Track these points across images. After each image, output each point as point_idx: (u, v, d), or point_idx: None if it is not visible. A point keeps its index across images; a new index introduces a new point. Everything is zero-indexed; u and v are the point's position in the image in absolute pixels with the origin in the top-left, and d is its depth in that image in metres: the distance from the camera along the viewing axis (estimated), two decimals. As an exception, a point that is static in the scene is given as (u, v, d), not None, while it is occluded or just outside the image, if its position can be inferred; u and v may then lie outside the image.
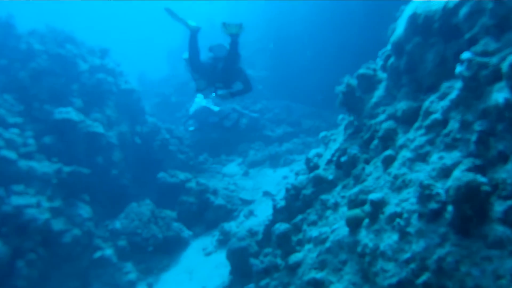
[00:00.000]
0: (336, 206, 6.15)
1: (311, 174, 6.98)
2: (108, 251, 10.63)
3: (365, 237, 4.78)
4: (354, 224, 5.06)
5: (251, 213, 12.29)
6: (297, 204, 7.15)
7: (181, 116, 20.51)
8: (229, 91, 8.63)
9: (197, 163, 16.05)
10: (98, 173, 12.05)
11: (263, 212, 11.99)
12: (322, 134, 8.90)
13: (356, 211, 5.15)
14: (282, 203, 7.79)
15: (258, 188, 13.79)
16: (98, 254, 10.49)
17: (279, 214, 7.75)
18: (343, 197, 6.14)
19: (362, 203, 5.21)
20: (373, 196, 4.83)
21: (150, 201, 12.07)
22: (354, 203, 5.41)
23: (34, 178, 10.18)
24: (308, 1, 19.91)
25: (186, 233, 11.80)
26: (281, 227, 6.44)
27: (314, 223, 6.45)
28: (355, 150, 6.30)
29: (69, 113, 11.47)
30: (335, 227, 5.70)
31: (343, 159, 6.45)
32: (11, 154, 9.98)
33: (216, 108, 14.42)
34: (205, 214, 12.52)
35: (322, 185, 6.75)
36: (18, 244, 9.25)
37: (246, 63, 10.83)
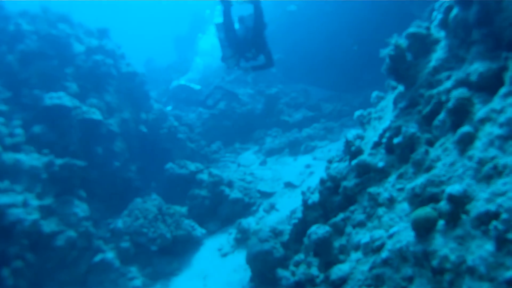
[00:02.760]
0: (391, 202, 4.73)
1: (354, 161, 5.54)
2: (110, 254, 9.32)
3: (442, 245, 3.56)
4: (423, 228, 3.78)
5: (272, 207, 10.93)
6: (335, 199, 5.77)
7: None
8: (251, 64, 9.05)
9: (209, 152, 14.67)
10: (97, 165, 10.73)
11: (286, 205, 10.68)
12: (358, 113, 7.62)
13: (426, 210, 3.83)
14: (314, 198, 6.37)
15: (278, 179, 12.39)
16: (98, 257, 9.20)
17: (311, 211, 6.35)
18: (400, 190, 4.75)
19: (433, 198, 4.01)
20: (452, 190, 3.61)
21: (156, 196, 10.71)
22: (420, 198, 4.14)
23: (21, 173, 8.83)
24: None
25: (199, 231, 10.42)
26: (320, 230, 5.02)
27: (361, 224, 5.05)
28: (413, 128, 4.88)
29: (61, 98, 10.09)
30: (394, 230, 4.31)
31: (396, 140, 5.04)
32: (-6, 147, 8.64)
33: (197, 87, 14.63)
34: (220, 209, 11.15)
35: (369, 174, 5.38)
36: (2, 250, 7.94)
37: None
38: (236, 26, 8.73)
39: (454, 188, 3.60)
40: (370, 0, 16.49)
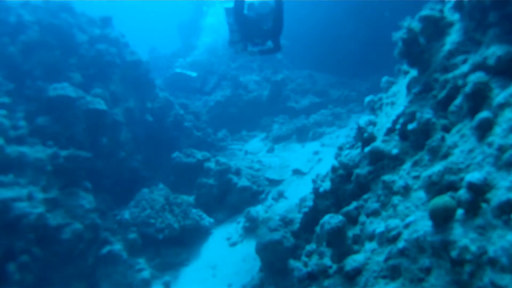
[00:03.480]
0: (406, 190, 4.55)
1: (367, 148, 5.35)
2: (117, 246, 9.21)
3: (462, 235, 3.40)
4: (442, 217, 3.59)
5: (280, 195, 10.77)
6: (348, 187, 5.60)
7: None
8: (259, 48, 8.82)
9: (215, 140, 14.49)
10: (103, 155, 10.59)
11: (295, 193, 10.53)
12: (368, 98, 7.41)
13: (445, 199, 3.62)
14: (326, 186, 6.20)
15: (286, 166, 12.22)
16: (105, 249, 9.07)
17: (322, 199, 6.18)
18: (415, 177, 4.57)
19: (451, 186, 3.82)
20: (471, 177, 3.46)
21: (163, 186, 10.58)
22: (437, 186, 3.93)
23: (25, 166, 8.70)
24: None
25: (207, 220, 10.31)
26: (333, 220, 4.81)
27: (376, 213, 4.88)
28: (428, 114, 4.68)
29: (65, 88, 9.92)
30: (410, 219, 4.14)
31: (411, 126, 4.85)
32: (-2, 140, 8.50)
33: (193, 74, 15.32)
34: (228, 198, 11.03)
35: (383, 161, 5.20)
36: (8, 245, 7.80)
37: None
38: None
39: (474, 176, 3.43)
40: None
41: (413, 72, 5.63)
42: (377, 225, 4.64)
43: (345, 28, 18.47)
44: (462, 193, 3.49)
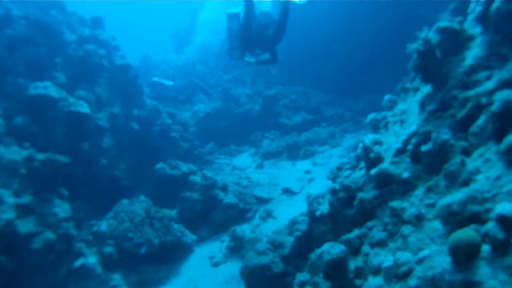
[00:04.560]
0: (419, 219, 4.05)
1: (374, 170, 4.85)
2: (91, 259, 8.60)
3: (489, 276, 2.94)
4: (464, 253, 3.13)
5: (269, 215, 10.24)
6: (349, 213, 5.10)
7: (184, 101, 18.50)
8: (256, 59, 8.86)
9: (203, 153, 13.93)
10: (83, 162, 9.99)
11: (284, 213, 10.02)
12: (371, 116, 6.98)
13: (469, 233, 3.17)
14: (323, 209, 5.67)
15: (275, 184, 11.69)
16: (78, 262, 8.48)
17: (319, 224, 5.67)
18: (429, 205, 4.09)
19: (475, 218, 3.37)
20: (503, 209, 3.02)
21: (145, 198, 9.99)
22: (458, 217, 3.53)
23: (-1, 167, 8.10)
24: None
25: (189, 237, 9.72)
26: (334, 249, 4.31)
27: (382, 244, 4.36)
28: (446, 134, 4.20)
29: (47, 88, 9.34)
30: (425, 254, 3.63)
31: (425, 148, 4.38)
32: (-31, 137, 7.90)
33: (170, 83, 15.43)
34: (213, 214, 10.44)
35: (391, 186, 4.71)
36: (-29, 252, 7.21)
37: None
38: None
39: (505, 208, 2.96)
40: (374, 1, 15.83)
41: (426, 89, 5.17)
42: (384, 258, 4.13)
43: (342, 47, 18.17)
44: (491, 227, 3.03)
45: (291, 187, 11.23)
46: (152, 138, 12.63)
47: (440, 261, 3.36)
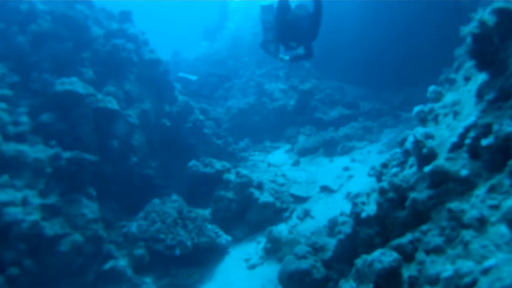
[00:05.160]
0: (482, 223, 3.43)
1: (428, 167, 4.23)
2: (121, 262, 8.19)
3: None
4: None
5: (306, 214, 9.68)
6: (400, 215, 4.50)
7: (218, 98, 18.06)
8: (291, 56, 8.61)
9: (237, 150, 13.42)
10: (113, 160, 9.63)
11: (322, 212, 9.47)
12: (417, 108, 6.34)
13: None
14: (369, 210, 5.07)
15: (313, 182, 11.11)
16: (108, 265, 8.09)
17: (364, 227, 5.08)
18: (493, 207, 3.46)
19: None
20: None
21: (177, 197, 9.55)
22: None
23: (23, 167, 7.74)
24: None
25: (224, 238, 9.21)
26: (386, 258, 3.75)
27: (439, 251, 3.75)
28: (509, 126, 3.56)
29: (73, 84, 8.96)
30: (490, 263, 3.07)
31: (485, 142, 3.75)
32: (-8, 135, 7.56)
33: (193, 78, 15.34)
34: (248, 214, 9.92)
35: (447, 184, 4.07)
36: (-5, 255, 6.86)
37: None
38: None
39: None
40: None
41: (481, 77, 4.53)
42: (442, 267, 3.54)
43: (377, 40, 17.40)
44: None
45: (330, 185, 10.64)
46: (184, 135, 12.21)
47: (509, 271, 2.77)
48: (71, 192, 8.08)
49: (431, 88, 6.78)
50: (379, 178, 6.27)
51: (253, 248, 9.13)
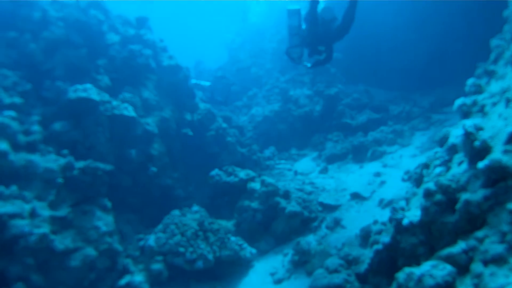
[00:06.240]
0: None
1: (482, 163, 3.61)
2: (138, 277, 7.65)
3: None
4: None
5: (337, 223, 9.02)
6: (449, 220, 3.86)
7: (241, 106, 17.55)
8: (312, 62, 8.75)
9: (262, 158, 12.83)
10: (130, 170, 9.21)
11: (354, 221, 8.86)
12: (459, 101, 5.91)
13: None
14: (411, 216, 4.43)
15: (343, 189, 10.47)
16: (123, 281, 7.56)
17: (406, 235, 4.44)
18: None
19: None
20: None
21: (198, 208, 8.99)
22: None
23: (33, 177, 7.32)
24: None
25: (248, 251, 8.59)
26: (438, 271, 3.18)
27: (499, 261, 3.14)
28: None
29: (87, 90, 8.52)
30: None
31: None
32: (1, 145, 7.11)
33: (206, 84, 15.17)
34: (274, 225, 9.31)
35: (506, 182, 3.43)
36: (1, 269, 6.41)
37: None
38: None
39: None
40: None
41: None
42: (505, 280, 2.91)
43: (405, 41, 16.78)
44: None
45: (361, 192, 9.99)
46: (206, 144, 11.70)
47: None
48: (84, 203, 7.63)
49: (470, 81, 6.32)
50: (418, 181, 5.63)
51: (280, 261, 8.51)
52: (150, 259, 7.90)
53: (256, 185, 9.91)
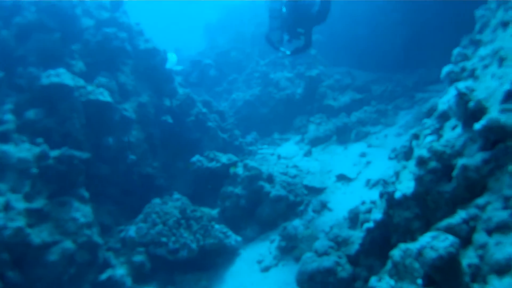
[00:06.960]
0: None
1: (479, 124, 3.38)
2: (120, 270, 7.37)
3: None
4: None
5: (323, 206, 8.84)
6: (446, 189, 3.63)
7: (221, 91, 17.23)
8: (291, 50, 8.80)
9: (244, 143, 12.55)
10: (109, 159, 8.86)
11: (341, 203, 8.65)
12: (446, 68, 5.68)
13: None
14: (404, 189, 4.21)
15: (328, 171, 10.28)
16: (104, 275, 7.27)
17: (400, 209, 4.23)
18: None
19: None
20: None
21: (180, 195, 8.72)
22: None
23: (7, 168, 6.97)
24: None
25: (233, 238, 8.34)
26: (440, 243, 2.91)
27: (504, 228, 3.05)
28: None
29: (60, 75, 8.14)
30: None
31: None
32: (-28, 135, 6.78)
33: (178, 68, 15.40)
34: (259, 210, 9.05)
35: (505, 143, 3.27)
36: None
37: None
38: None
39: None
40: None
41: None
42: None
43: (385, 22, 16.63)
44: None
45: (346, 173, 9.82)
46: (186, 130, 11.36)
47: None
48: (60, 194, 7.29)
49: (456, 51, 6.19)
50: (407, 154, 5.42)
51: (266, 247, 8.30)
52: (132, 250, 7.64)
53: (239, 170, 9.66)
